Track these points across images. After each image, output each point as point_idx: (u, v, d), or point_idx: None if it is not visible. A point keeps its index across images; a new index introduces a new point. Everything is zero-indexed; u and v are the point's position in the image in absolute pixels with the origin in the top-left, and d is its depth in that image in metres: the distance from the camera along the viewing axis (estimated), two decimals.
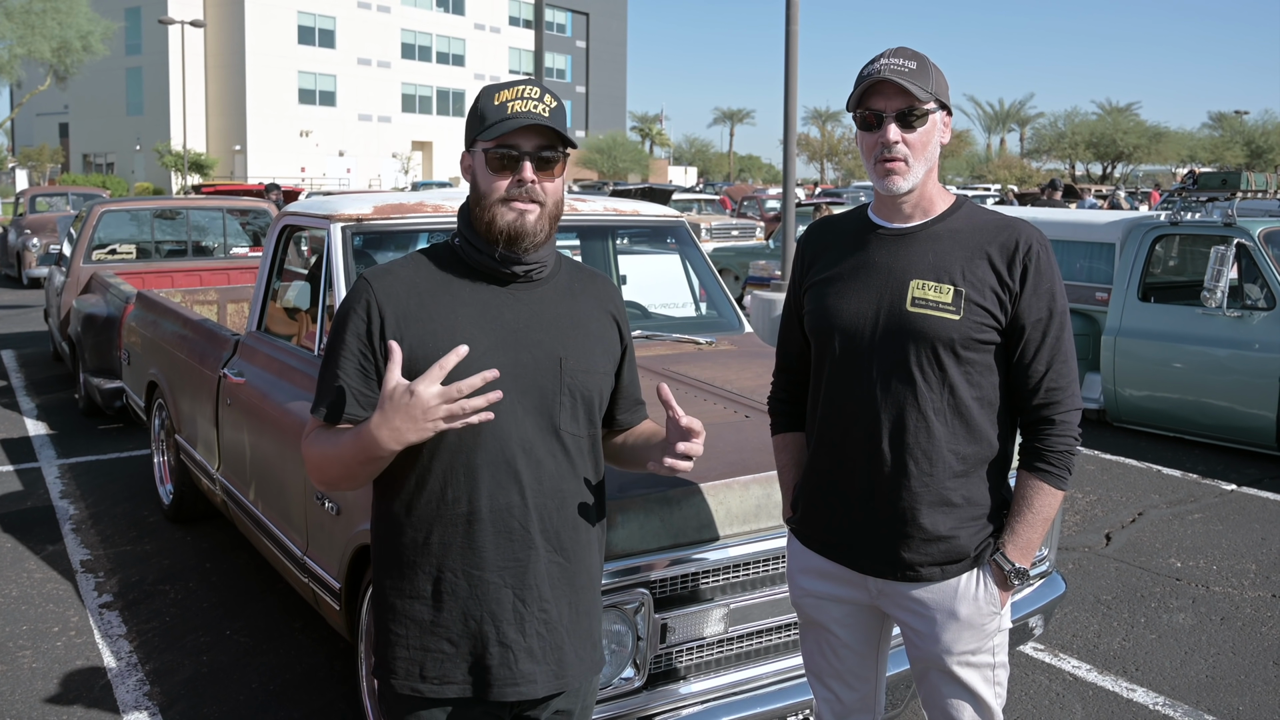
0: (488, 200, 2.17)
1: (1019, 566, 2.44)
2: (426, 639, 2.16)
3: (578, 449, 2.24)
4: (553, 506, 2.18)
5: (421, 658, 2.16)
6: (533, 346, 2.18)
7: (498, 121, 2.14)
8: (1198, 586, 5.57)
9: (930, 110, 2.38)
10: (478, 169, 2.19)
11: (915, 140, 2.38)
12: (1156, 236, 8.77)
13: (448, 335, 2.12)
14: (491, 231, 2.17)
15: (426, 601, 2.16)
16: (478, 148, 2.19)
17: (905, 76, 2.35)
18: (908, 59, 2.38)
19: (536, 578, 2.17)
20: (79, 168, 68.57)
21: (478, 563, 2.14)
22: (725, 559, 3.12)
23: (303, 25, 66.71)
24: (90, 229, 10.43)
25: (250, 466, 4.77)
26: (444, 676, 2.16)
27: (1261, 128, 63.70)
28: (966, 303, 2.36)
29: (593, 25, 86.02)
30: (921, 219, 2.47)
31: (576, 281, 2.33)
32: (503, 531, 2.14)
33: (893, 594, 2.51)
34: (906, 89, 2.34)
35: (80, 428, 8.91)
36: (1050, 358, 2.40)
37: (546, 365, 2.19)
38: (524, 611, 2.16)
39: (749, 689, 3.21)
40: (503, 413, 2.11)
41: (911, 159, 2.39)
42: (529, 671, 2.17)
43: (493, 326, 2.16)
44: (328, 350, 2.19)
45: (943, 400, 2.39)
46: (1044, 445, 2.43)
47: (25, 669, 4.56)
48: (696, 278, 5.41)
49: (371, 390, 2.14)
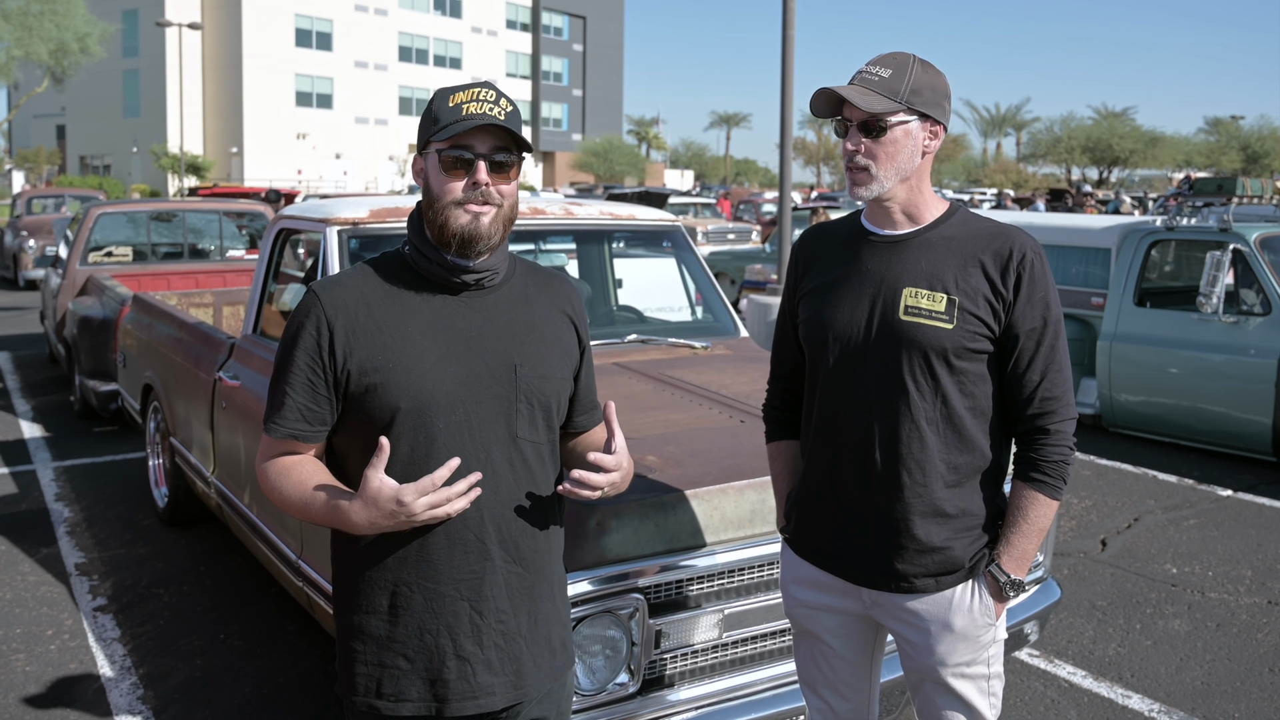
0: (441, 203, 2.12)
1: (1014, 578, 2.43)
2: (383, 654, 2.12)
3: (536, 456, 2.20)
4: (510, 516, 2.15)
5: (378, 674, 2.13)
6: (486, 355, 2.15)
7: (452, 123, 2.10)
8: (1193, 592, 5.57)
9: (898, 121, 2.35)
10: (430, 171, 2.15)
11: (879, 149, 2.36)
12: (1152, 242, 8.77)
13: (398, 346, 2.10)
14: (444, 235, 2.12)
15: (383, 616, 2.12)
16: (431, 149, 2.14)
17: (872, 85, 2.34)
18: (884, 67, 2.37)
19: (494, 589, 2.13)
20: (76, 169, 68.50)
21: (433, 575, 2.10)
22: (720, 564, 3.11)
23: (300, 28, 66.71)
24: (86, 231, 10.43)
25: (245, 470, 4.75)
26: (400, 693, 2.12)
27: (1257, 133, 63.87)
28: (960, 311, 2.35)
29: (590, 29, 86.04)
30: (913, 226, 2.45)
31: (532, 285, 2.29)
32: (457, 543, 2.10)
33: (886, 605, 2.50)
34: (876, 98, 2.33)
35: (75, 430, 8.90)
36: (1045, 367, 2.39)
37: (501, 373, 2.15)
38: (480, 623, 2.13)
39: (744, 695, 3.21)
40: (457, 424, 2.10)
41: (875, 168, 2.36)
42: (487, 684, 2.14)
43: (444, 336, 2.13)
44: (277, 365, 2.15)
45: (935, 410, 2.38)
46: (1039, 455, 2.41)
47: (18, 672, 4.55)
48: (692, 282, 5.41)
49: (320, 407, 2.12)
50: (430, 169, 2.15)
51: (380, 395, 2.08)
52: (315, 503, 2.07)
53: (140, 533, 6.30)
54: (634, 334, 4.81)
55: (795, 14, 11.42)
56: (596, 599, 2.88)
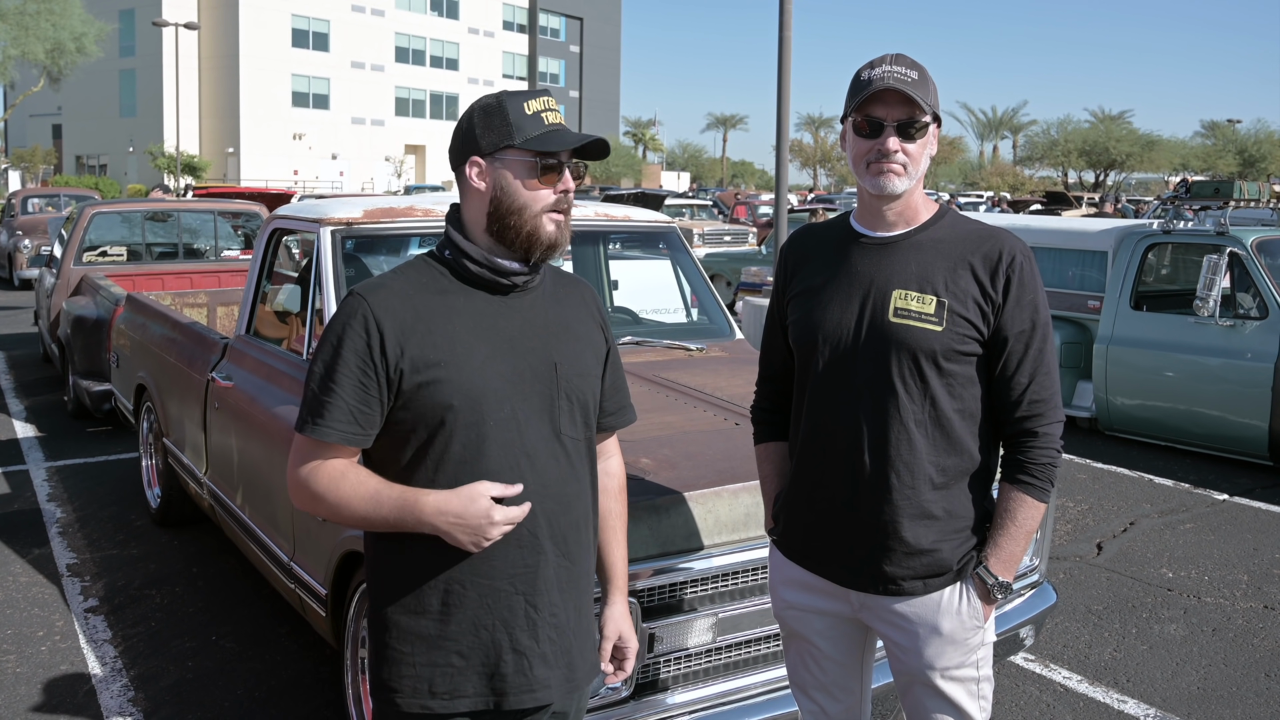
0: (531, 210, 2.14)
1: (1002, 580, 2.42)
2: (434, 654, 2.12)
3: (577, 452, 2.24)
4: (559, 510, 2.18)
5: (430, 674, 2.12)
6: (528, 354, 2.17)
7: (543, 133, 2.12)
8: (1189, 597, 5.56)
9: (929, 122, 2.37)
10: (507, 178, 2.14)
11: (914, 150, 2.36)
12: (1149, 245, 8.77)
13: (448, 345, 2.10)
14: (533, 242, 2.14)
15: (433, 616, 2.12)
16: (510, 155, 2.13)
17: (909, 86, 2.32)
18: (909, 68, 2.36)
19: (546, 583, 2.16)
20: (72, 169, 68.49)
21: (488, 572, 2.11)
22: (714, 568, 3.10)
23: (296, 28, 66.73)
24: (81, 231, 10.41)
25: (238, 471, 4.74)
26: (455, 690, 2.13)
27: (1254, 136, 64.04)
28: (949, 314, 2.34)
29: (586, 30, 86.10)
30: (904, 228, 2.44)
31: (560, 288, 2.32)
32: (512, 539, 2.11)
33: (875, 607, 2.49)
34: (911, 99, 2.32)
35: (68, 430, 8.87)
36: (1033, 370, 2.38)
37: (544, 371, 2.18)
38: (536, 617, 2.15)
39: (737, 699, 3.19)
40: (505, 421, 2.12)
41: (911, 167, 2.37)
42: (543, 677, 2.16)
43: (489, 335, 2.14)
44: (323, 367, 2.10)
45: (924, 412, 2.37)
46: (1026, 458, 2.41)
47: (9, 674, 4.52)
48: (688, 283, 5.39)
49: (371, 409, 2.09)
50: (507, 175, 2.14)
51: (433, 393, 2.08)
52: (385, 501, 2.07)
53: (133, 534, 6.27)
54: (629, 336, 4.80)
55: (792, 16, 11.41)
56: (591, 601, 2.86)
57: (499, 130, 2.13)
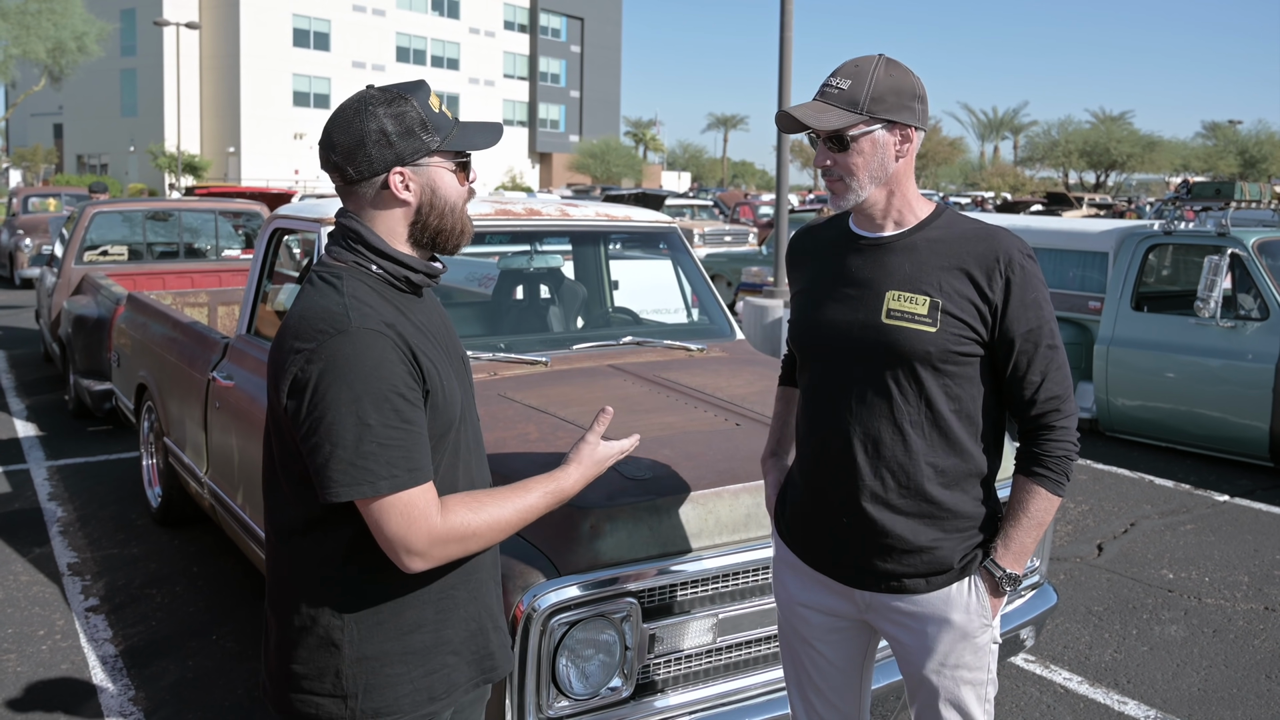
0: (459, 208, 2.12)
1: (1010, 572, 2.42)
2: (429, 662, 2.09)
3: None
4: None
5: (427, 682, 2.09)
6: (455, 350, 2.20)
7: (457, 131, 2.09)
8: (1190, 598, 5.56)
9: (862, 133, 2.32)
10: (439, 180, 2.08)
11: (848, 161, 2.35)
12: (1150, 246, 8.76)
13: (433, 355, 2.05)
14: (464, 237, 2.14)
15: (429, 628, 2.08)
16: (435, 162, 2.07)
17: (832, 100, 2.33)
18: (844, 78, 2.34)
19: (495, 558, 2.25)
20: (73, 168, 68.48)
21: (476, 567, 2.14)
22: (714, 568, 3.09)
23: (298, 28, 66.72)
24: (82, 230, 10.41)
25: (238, 470, 4.73)
26: (452, 686, 2.13)
27: (1255, 137, 64.01)
28: (943, 315, 2.33)
29: (587, 30, 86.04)
30: (898, 229, 2.43)
31: None
32: None
33: (880, 607, 2.49)
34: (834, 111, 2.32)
35: (69, 430, 8.87)
36: (1045, 367, 2.36)
37: (466, 366, 2.24)
38: (497, 591, 2.25)
39: (738, 699, 3.19)
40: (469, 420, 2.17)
41: (848, 178, 2.36)
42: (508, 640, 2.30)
43: (436, 341, 2.11)
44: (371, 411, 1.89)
45: (920, 413, 2.37)
46: (1043, 451, 2.39)
47: (9, 673, 4.52)
48: (688, 284, 5.39)
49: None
50: (437, 177, 2.08)
51: (441, 409, 2.04)
52: (530, 498, 2.08)
53: (133, 533, 6.27)
54: (629, 336, 4.79)
55: (793, 16, 11.41)
56: (590, 603, 2.86)
57: (419, 136, 2.05)
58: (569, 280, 5.56)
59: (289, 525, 2.05)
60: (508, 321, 5.43)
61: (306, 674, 2.04)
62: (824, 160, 2.37)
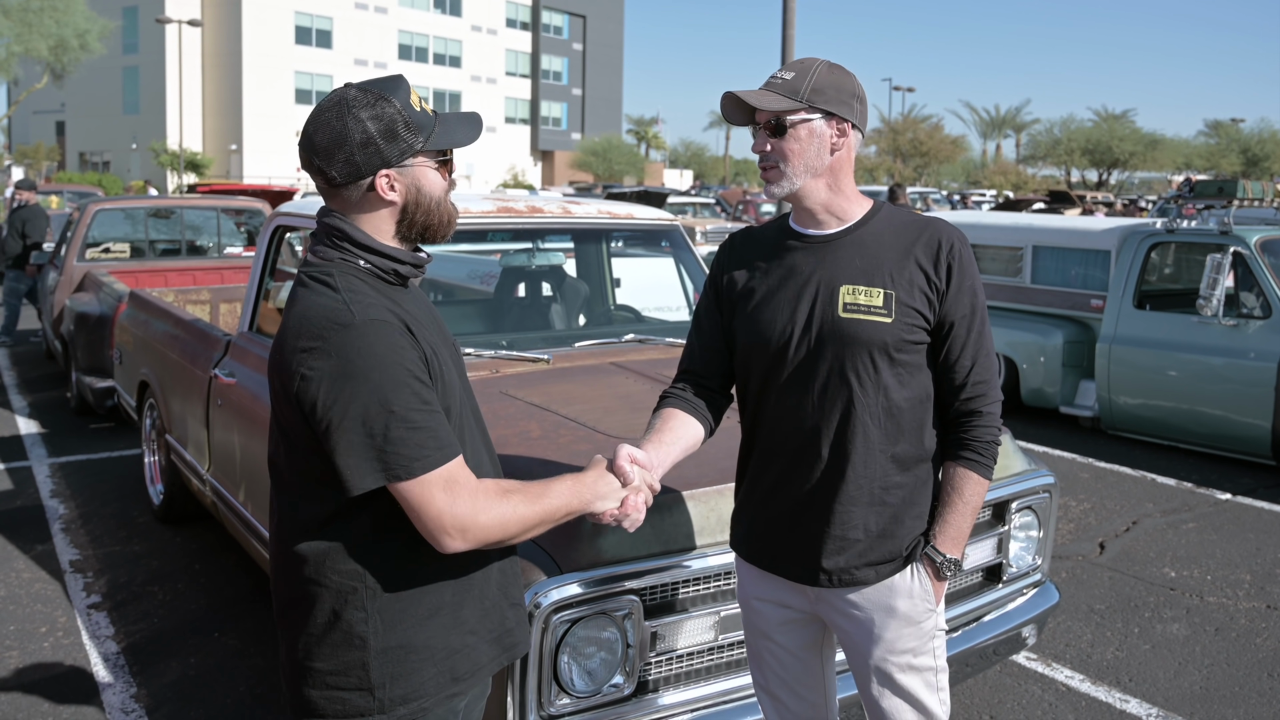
0: (444, 200, 2.14)
1: (951, 557, 2.47)
2: (450, 642, 2.10)
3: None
4: None
5: (449, 664, 2.10)
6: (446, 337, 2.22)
7: (439, 129, 2.10)
8: (1192, 596, 5.55)
9: (800, 120, 2.39)
10: (424, 178, 2.09)
11: (784, 147, 2.41)
12: (1152, 244, 8.76)
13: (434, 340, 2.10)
14: (450, 228, 2.16)
15: (448, 611, 2.09)
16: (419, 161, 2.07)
17: (775, 88, 2.40)
18: (788, 71, 2.44)
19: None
20: (75, 166, 68.52)
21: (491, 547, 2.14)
22: (716, 566, 3.09)
23: (300, 25, 66.73)
24: (84, 227, 10.41)
25: (240, 468, 4.74)
26: (475, 666, 2.14)
27: (1258, 136, 63.96)
28: (898, 304, 2.38)
29: (590, 28, 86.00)
30: (839, 225, 2.48)
31: None
32: None
33: (829, 599, 2.52)
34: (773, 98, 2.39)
35: (71, 427, 8.88)
36: (975, 352, 2.44)
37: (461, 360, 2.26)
38: (512, 570, 2.25)
39: (739, 697, 3.19)
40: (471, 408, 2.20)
41: (784, 166, 2.42)
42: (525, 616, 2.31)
43: (430, 332, 2.13)
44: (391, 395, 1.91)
45: (878, 404, 2.41)
46: (971, 436, 2.46)
47: (12, 670, 4.53)
48: (690, 282, 5.39)
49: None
50: (421, 176, 2.09)
51: (442, 395, 2.05)
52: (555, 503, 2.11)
53: (135, 530, 6.28)
54: (631, 334, 4.79)
55: (795, 14, 11.42)
56: (592, 600, 2.86)
57: (403, 138, 2.04)
58: (571, 278, 5.55)
59: (304, 525, 2.05)
60: (510, 319, 5.43)
61: (331, 670, 2.06)
62: (763, 145, 2.43)
